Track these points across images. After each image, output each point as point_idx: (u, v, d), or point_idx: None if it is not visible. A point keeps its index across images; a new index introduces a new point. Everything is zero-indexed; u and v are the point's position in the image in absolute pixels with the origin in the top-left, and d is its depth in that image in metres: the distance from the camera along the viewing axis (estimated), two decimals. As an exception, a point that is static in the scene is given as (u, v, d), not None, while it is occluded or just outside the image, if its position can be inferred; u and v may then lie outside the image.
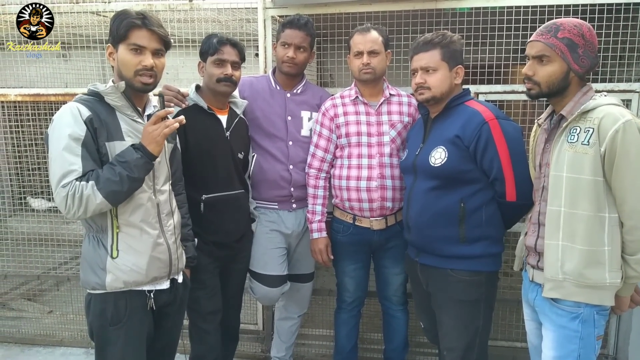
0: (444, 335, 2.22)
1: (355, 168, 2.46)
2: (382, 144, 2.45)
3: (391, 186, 2.43)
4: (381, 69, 2.43)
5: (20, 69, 3.38)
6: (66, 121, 1.72)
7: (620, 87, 2.67)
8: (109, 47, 1.85)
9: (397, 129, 2.47)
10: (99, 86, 1.83)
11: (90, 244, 1.85)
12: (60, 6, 3.08)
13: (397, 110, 2.50)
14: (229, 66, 2.30)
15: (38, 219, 3.66)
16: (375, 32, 2.41)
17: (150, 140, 1.78)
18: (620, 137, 1.63)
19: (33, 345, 3.50)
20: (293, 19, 2.53)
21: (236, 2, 2.98)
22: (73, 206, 1.70)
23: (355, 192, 2.45)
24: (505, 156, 2.00)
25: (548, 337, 1.85)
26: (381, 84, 2.51)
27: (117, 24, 1.79)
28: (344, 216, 2.55)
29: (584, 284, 1.73)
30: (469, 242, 2.09)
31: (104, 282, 1.81)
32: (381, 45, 2.41)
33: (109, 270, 1.81)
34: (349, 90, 2.55)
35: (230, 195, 2.42)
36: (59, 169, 1.70)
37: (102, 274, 1.81)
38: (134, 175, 1.75)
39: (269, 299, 2.67)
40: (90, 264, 1.83)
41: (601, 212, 1.70)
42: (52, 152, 1.72)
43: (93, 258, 1.83)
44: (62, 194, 1.69)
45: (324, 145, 2.54)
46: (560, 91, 1.79)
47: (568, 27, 1.74)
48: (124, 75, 1.82)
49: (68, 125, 1.71)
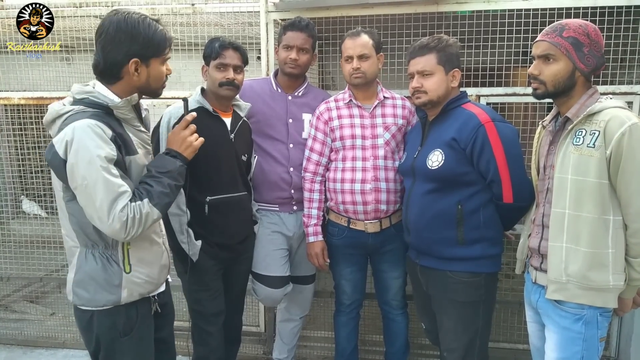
0: (444, 336, 2.23)
1: (349, 171, 2.46)
2: (377, 147, 2.45)
3: (385, 189, 2.43)
4: (372, 73, 2.42)
5: (23, 72, 3.39)
6: (94, 143, 1.56)
7: (621, 90, 2.68)
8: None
9: (391, 131, 2.47)
10: (101, 97, 1.67)
11: (97, 263, 1.71)
12: (63, 10, 3.10)
13: (391, 112, 2.49)
14: (231, 70, 2.32)
15: (40, 222, 3.67)
16: (366, 36, 2.39)
17: (186, 145, 1.79)
18: (626, 140, 1.63)
19: (35, 348, 3.50)
20: (294, 22, 2.55)
21: (238, 5, 2.99)
22: (134, 228, 1.61)
23: (350, 194, 2.45)
24: (501, 158, 2.00)
25: (551, 339, 1.86)
26: (374, 87, 2.51)
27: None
28: (338, 219, 2.56)
29: (588, 286, 1.74)
30: (468, 244, 2.10)
31: (120, 298, 1.73)
32: (372, 49, 2.39)
33: (124, 287, 1.72)
34: (342, 93, 2.56)
35: (234, 197, 2.43)
36: (106, 194, 1.56)
37: (117, 291, 1.72)
38: (179, 184, 1.75)
39: (271, 300, 2.67)
40: (101, 283, 1.71)
41: (605, 215, 1.70)
42: (89, 178, 1.55)
43: (104, 277, 1.71)
44: (122, 218, 1.58)
45: (319, 148, 2.54)
46: (566, 91, 1.79)
47: (573, 27, 1.75)
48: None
49: (98, 147, 1.56)
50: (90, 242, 1.71)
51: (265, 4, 2.91)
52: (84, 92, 1.67)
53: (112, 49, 1.65)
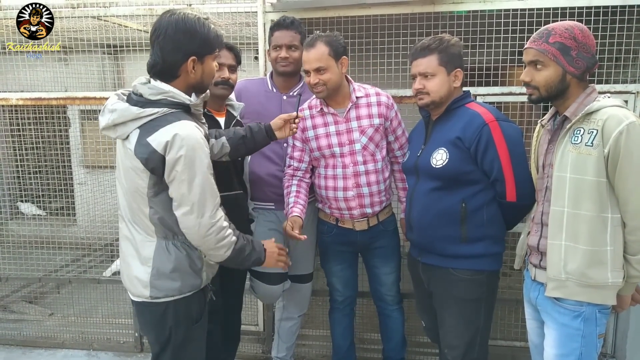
0: (445, 333, 2.25)
1: (331, 178, 2.47)
2: (354, 153, 2.43)
3: (368, 193, 2.44)
4: (334, 82, 2.33)
5: (21, 73, 3.39)
6: (205, 150, 1.75)
7: (616, 89, 2.69)
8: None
9: (367, 134, 2.43)
10: (180, 96, 1.77)
11: (181, 252, 1.83)
12: (61, 11, 3.10)
13: (366, 113, 2.44)
14: (226, 69, 2.34)
15: (39, 222, 3.67)
16: (322, 45, 2.29)
17: (274, 261, 2.07)
18: (624, 139, 1.65)
19: (34, 348, 3.50)
20: (279, 21, 2.57)
21: (236, 6, 3.00)
22: (213, 239, 1.79)
23: (335, 201, 2.47)
24: (505, 157, 2.02)
25: (550, 336, 1.88)
26: (346, 90, 2.43)
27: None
28: (327, 217, 2.59)
29: (587, 284, 1.75)
30: (471, 242, 2.11)
31: (202, 281, 1.90)
32: (328, 59, 2.29)
33: (204, 270, 1.89)
34: (315, 99, 2.50)
35: (230, 196, 2.43)
36: (211, 198, 1.78)
37: (200, 275, 1.88)
38: (244, 262, 1.99)
39: (270, 296, 2.68)
40: (187, 270, 1.84)
41: (604, 213, 1.72)
42: (199, 177, 1.72)
43: (190, 263, 1.84)
44: (217, 225, 1.78)
45: (297, 156, 2.54)
46: (560, 94, 1.81)
47: (559, 32, 1.76)
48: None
49: (207, 155, 1.76)
50: (172, 233, 1.81)
51: (262, 4, 2.92)
52: (160, 93, 1.74)
53: (173, 48, 1.74)
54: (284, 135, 2.27)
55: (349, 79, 2.47)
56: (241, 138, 2.21)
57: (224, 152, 2.20)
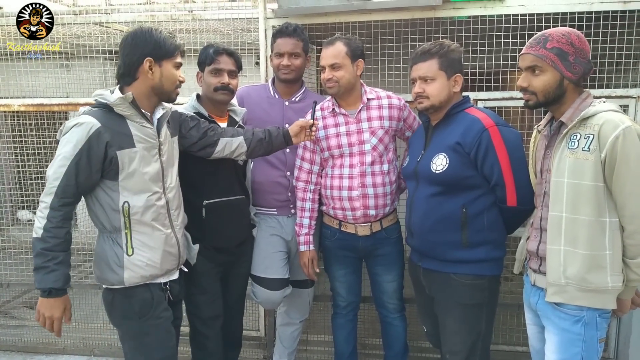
0: (446, 338, 2.24)
1: (337, 178, 2.48)
2: (364, 153, 2.44)
3: (373, 194, 2.44)
4: (347, 81, 2.38)
5: (23, 79, 3.41)
6: (76, 140, 1.86)
7: (617, 93, 2.70)
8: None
9: (378, 135, 2.45)
10: (106, 97, 1.91)
11: (105, 243, 1.95)
12: (63, 17, 3.11)
13: (377, 115, 2.47)
14: (226, 75, 2.34)
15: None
16: (340, 44, 2.37)
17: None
18: (620, 143, 1.65)
19: (35, 354, 3.51)
20: (282, 28, 2.58)
21: (237, 12, 3.02)
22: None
23: (339, 201, 2.48)
24: (505, 162, 2.03)
25: (551, 341, 1.87)
26: (357, 91, 2.48)
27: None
28: (330, 222, 2.59)
29: (587, 288, 1.75)
30: (472, 247, 2.11)
31: (122, 278, 1.93)
32: (345, 57, 2.36)
33: (126, 267, 1.94)
34: (327, 101, 2.55)
35: (232, 201, 2.44)
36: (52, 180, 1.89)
37: (120, 271, 1.93)
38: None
39: (271, 302, 2.68)
40: (107, 262, 1.94)
41: (602, 217, 1.72)
42: (57, 160, 1.90)
43: (110, 256, 1.94)
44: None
45: (308, 157, 2.56)
46: (557, 99, 1.82)
47: (556, 37, 1.77)
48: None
49: (75, 146, 1.87)
50: (101, 225, 1.95)
51: (264, 10, 2.94)
52: (96, 95, 1.95)
53: (130, 52, 1.91)
54: (299, 141, 2.38)
55: (362, 83, 2.51)
56: (259, 141, 2.29)
57: (240, 151, 2.28)
